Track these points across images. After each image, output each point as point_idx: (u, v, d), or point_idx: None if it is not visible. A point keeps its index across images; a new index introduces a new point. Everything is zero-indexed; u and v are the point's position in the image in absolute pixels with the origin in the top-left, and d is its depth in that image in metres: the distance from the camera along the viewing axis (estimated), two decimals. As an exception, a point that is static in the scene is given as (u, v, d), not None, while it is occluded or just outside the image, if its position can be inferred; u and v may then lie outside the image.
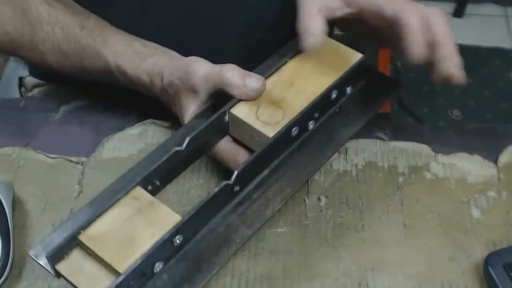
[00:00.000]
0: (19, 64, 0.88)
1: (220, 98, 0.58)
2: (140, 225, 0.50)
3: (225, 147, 0.58)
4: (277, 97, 0.58)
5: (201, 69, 0.57)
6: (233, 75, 0.56)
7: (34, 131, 0.67)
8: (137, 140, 0.66)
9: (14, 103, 0.72)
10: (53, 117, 0.69)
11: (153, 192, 0.53)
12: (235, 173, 0.52)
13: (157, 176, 0.53)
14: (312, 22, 0.58)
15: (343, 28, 0.66)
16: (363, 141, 0.67)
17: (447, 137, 0.68)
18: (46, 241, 0.49)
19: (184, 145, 0.54)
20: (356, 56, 0.61)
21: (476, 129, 0.70)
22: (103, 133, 0.67)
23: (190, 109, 0.58)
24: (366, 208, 0.61)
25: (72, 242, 0.49)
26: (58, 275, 0.49)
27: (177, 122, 0.68)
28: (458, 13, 2.11)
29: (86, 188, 0.62)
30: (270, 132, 0.55)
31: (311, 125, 0.58)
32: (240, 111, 0.57)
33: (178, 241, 0.49)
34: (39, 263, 0.49)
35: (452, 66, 0.58)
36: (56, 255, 0.48)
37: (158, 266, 0.49)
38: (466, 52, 1.98)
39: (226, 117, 0.57)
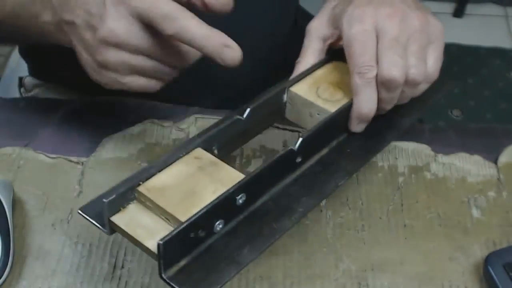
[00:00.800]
0: (19, 64, 0.88)
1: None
2: (202, 180, 0.49)
3: None
4: (336, 80, 0.59)
5: None
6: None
7: (34, 131, 0.67)
8: (137, 140, 0.66)
9: (14, 103, 0.72)
10: (53, 117, 0.69)
11: None
12: (299, 140, 0.51)
13: (216, 143, 0.53)
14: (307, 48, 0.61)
15: None
16: (363, 141, 0.67)
17: (447, 137, 0.68)
18: (97, 199, 0.47)
19: (245, 114, 0.54)
20: None
21: (476, 129, 0.70)
22: (103, 133, 0.67)
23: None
24: (366, 208, 0.61)
25: (130, 195, 0.47)
26: (112, 230, 0.47)
27: (177, 121, 0.68)
28: (458, 13, 2.11)
29: (86, 188, 0.62)
30: (332, 108, 0.56)
31: None
32: (300, 89, 0.58)
33: (240, 201, 0.48)
34: (89, 220, 0.47)
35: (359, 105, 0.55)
36: (113, 206, 0.46)
37: (219, 225, 0.47)
38: (466, 52, 1.99)
39: (285, 97, 0.58)
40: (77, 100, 0.75)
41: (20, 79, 0.91)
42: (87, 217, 0.48)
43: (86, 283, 0.55)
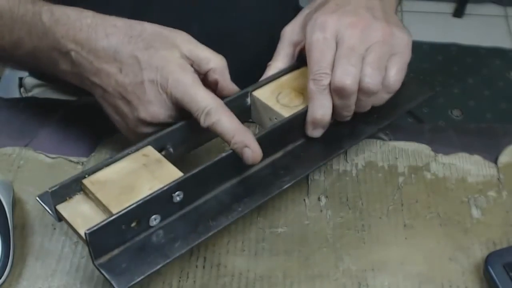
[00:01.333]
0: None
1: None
2: (143, 177, 0.51)
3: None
4: (299, 86, 0.60)
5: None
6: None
7: (34, 131, 0.67)
8: (137, 140, 0.66)
9: (14, 103, 0.72)
10: (53, 117, 0.69)
11: (166, 158, 0.54)
12: None
13: (171, 141, 0.55)
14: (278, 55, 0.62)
15: None
16: (363, 141, 0.67)
17: (447, 137, 0.68)
18: (53, 187, 0.51)
19: None
20: None
21: (476, 129, 0.70)
22: (103, 133, 0.67)
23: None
24: (366, 208, 0.61)
25: (76, 186, 0.51)
26: (59, 217, 0.50)
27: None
28: (458, 13, 2.11)
29: (86, 188, 0.62)
30: (288, 114, 0.57)
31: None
32: (262, 94, 0.59)
33: (178, 198, 0.50)
34: (41, 204, 0.51)
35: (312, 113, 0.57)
36: (58, 194, 0.50)
37: (155, 220, 0.50)
38: (466, 52, 1.99)
39: (248, 100, 0.59)
40: (77, 100, 0.75)
41: (20, 79, 0.91)
42: (42, 204, 0.51)
43: (86, 283, 0.55)
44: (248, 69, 0.68)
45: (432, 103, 1.83)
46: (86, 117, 0.69)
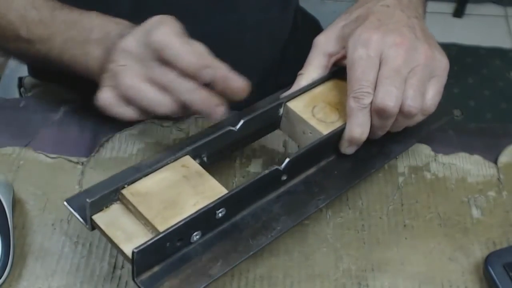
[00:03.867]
0: (19, 64, 0.88)
1: None
2: (185, 191, 0.50)
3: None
4: (334, 100, 0.59)
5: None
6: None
7: (34, 131, 0.67)
8: (137, 140, 0.66)
9: (14, 103, 0.72)
10: (53, 117, 0.69)
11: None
12: (286, 160, 0.53)
13: (206, 151, 0.54)
14: (310, 64, 0.60)
15: None
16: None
17: (447, 137, 0.68)
18: (84, 192, 0.50)
19: (238, 126, 0.55)
20: None
21: (476, 129, 0.70)
22: (103, 133, 0.67)
23: None
24: (366, 208, 0.61)
25: (114, 195, 0.49)
26: (93, 226, 0.49)
27: (177, 121, 0.68)
28: (458, 13, 2.11)
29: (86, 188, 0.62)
30: (324, 129, 0.56)
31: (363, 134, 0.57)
32: (297, 105, 0.58)
33: (220, 215, 0.49)
34: (72, 213, 0.49)
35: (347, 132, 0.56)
36: (96, 205, 0.48)
37: (196, 236, 0.49)
38: (466, 52, 1.99)
39: (281, 110, 0.59)
40: (77, 100, 0.75)
41: (20, 79, 0.90)
42: (72, 210, 0.50)
43: (86, 283, 0.55)
44: (250, 69, 0.68)
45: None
46: (86, 117, 0.69)
